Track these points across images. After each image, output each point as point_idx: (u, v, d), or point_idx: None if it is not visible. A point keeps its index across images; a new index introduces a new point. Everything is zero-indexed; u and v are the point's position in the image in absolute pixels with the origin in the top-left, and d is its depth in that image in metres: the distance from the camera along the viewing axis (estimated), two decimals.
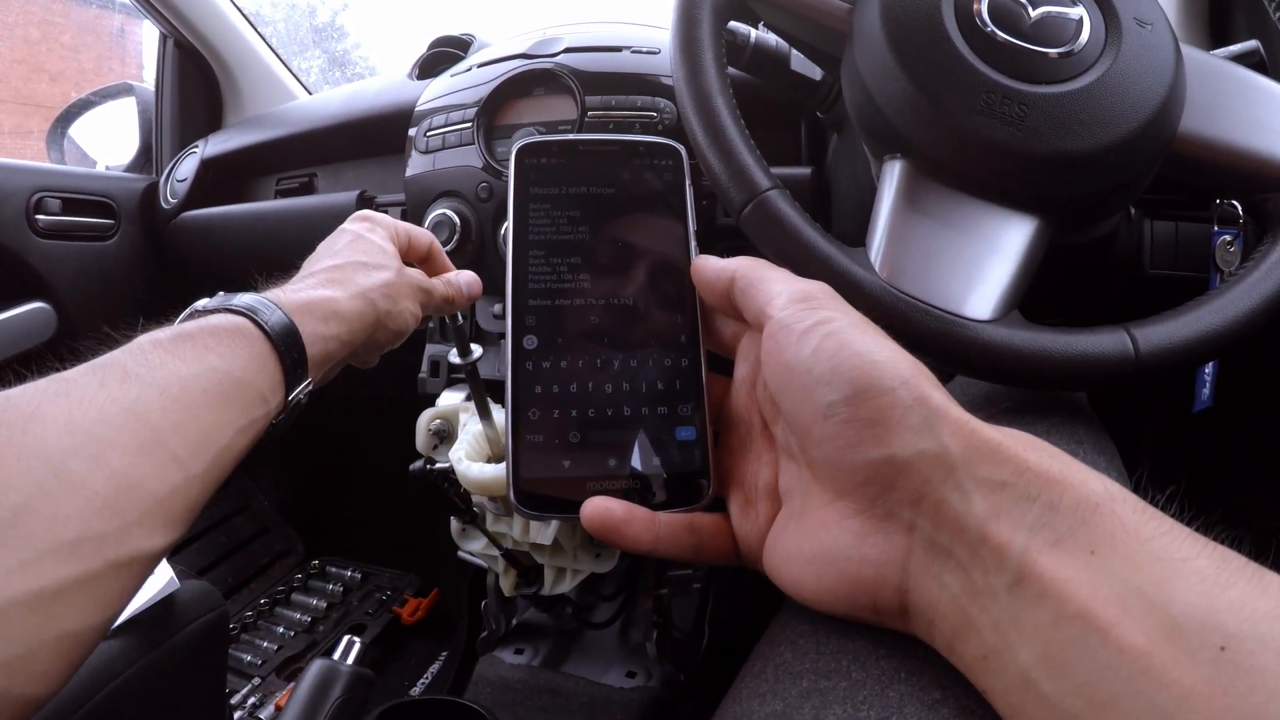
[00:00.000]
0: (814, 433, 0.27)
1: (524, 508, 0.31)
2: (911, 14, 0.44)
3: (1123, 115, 0.42)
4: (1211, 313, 0.42)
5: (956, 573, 0.23)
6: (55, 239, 1.05)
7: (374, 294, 0.43)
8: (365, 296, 0.42)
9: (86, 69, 4.05)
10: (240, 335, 0.35)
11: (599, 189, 0.35)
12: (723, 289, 0.32)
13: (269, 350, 0.36)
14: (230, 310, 0.36)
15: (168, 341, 0.33)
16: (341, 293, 0.42)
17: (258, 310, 0.36)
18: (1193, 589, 0.20)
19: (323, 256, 0.46)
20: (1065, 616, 0.20)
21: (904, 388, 0.25)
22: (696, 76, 0.46)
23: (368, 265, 0.45)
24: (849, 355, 0.26)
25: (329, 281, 0.42)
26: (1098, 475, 0.23)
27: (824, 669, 0.27)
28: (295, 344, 0.37)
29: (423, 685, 0.92)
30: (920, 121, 0.42)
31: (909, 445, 0.25)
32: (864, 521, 0.26)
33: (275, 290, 0.40)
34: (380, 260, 0.46)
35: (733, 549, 0.31)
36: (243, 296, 0.37)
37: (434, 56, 1.00)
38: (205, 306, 0.37)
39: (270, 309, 0.37)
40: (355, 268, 0.44)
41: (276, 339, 0.36)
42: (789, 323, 0.28)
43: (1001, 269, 0.41)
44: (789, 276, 0.31)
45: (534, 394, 0.32)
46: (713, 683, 0.82)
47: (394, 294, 0.45)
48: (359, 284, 0.43)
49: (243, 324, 0.35)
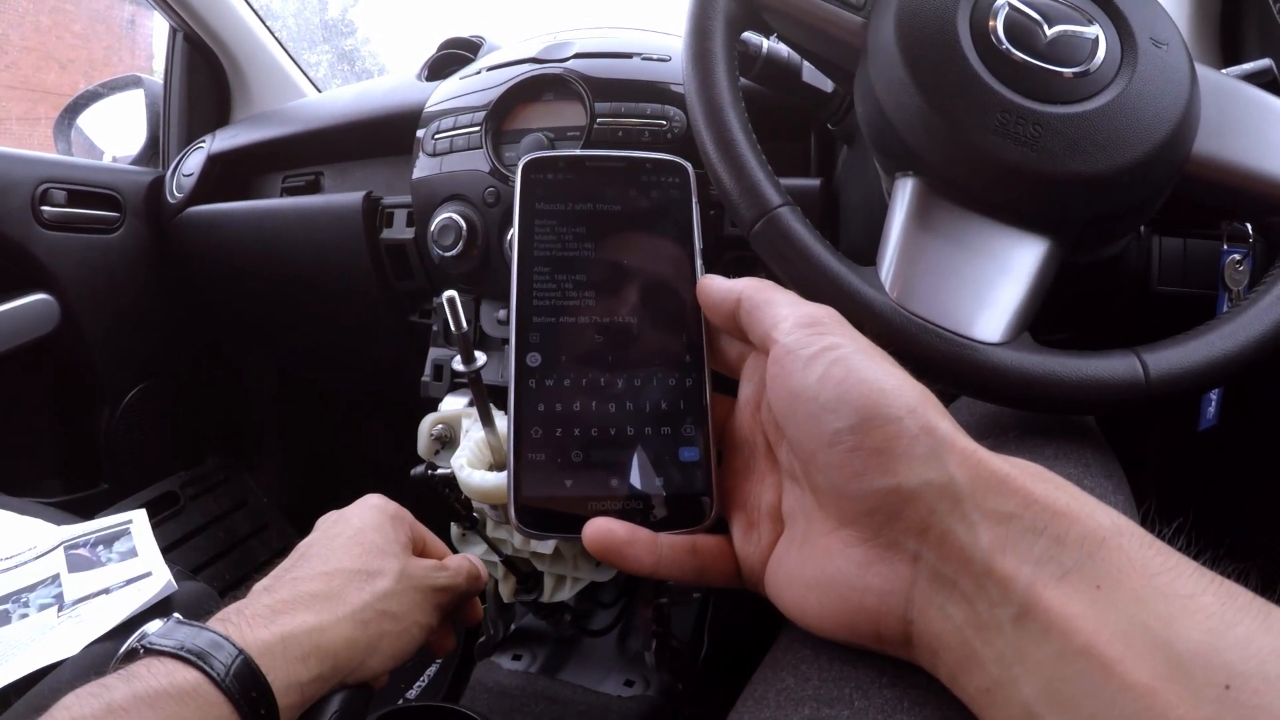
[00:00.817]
0: (819, 460, 0.27)
1: (525, 527, 0.30)
2: (926, 30, 0.43)
3: (1138, 137, 0.41)
4: (1223, 337, 0.41)
5: (961, 604, 0.23)
6: (60, 230, 1.06)
7: (368, 613, 0.36)
8: (358, 618, 0.36)
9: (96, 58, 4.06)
10: (189, 701, 0.29)
11: (605, 205, 0.35)
12: (729, 310, 0.32)
13: (228, 713, 0.30)
14: (178, 657, 0.30)
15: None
16: (328, 616, 0.35)
17: (214, 660, 0.30)
18: (1198, 626, 0.19)
19: (314, 551, 0.39)
20: (1070, 652, 0.20)
21: (911, 416, 0.25)
22: (709, 89, 0.46)
23: (365, 571, 0.38)
24: (856, 382, 0.26)
25: (314, 598, 0.36)
26: (1105, 508, 0.23)
27: (826, 696, 0.26)
28: (265, 702, 0.31)
29: (418, 689, 0.92)
30: (933, 139, 0.42)
31: (915, 475, 0.24)
32: (868, 550, 0.26)
33: (239, 613, 0.34)
34: (378, 564, 0.39)
35: (735, 571, 0.31)
36: (202, 636, 0.31)
37: (443, 58, 1.00)
38: (152, 643, 0.31)
39: (236, 656, 0.31)
40: (350, 577, 0.37)
41: (237, 697, 0.30)
42: (795, 348, 0.28)
43: (1012, 291, 0.41)
44: (795, 300, 0.31)
45: (536, 412, 0.32)
46: (711, 692, 0.82)
47: (396, 609, 0.38)
48: (350, 602, 0.36)
49: (198, 684, 0.30)
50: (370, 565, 0.38)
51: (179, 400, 1.27)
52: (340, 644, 0.35)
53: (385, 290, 0.92)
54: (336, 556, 0.38)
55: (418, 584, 0.40)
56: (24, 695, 0.50)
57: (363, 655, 0.36)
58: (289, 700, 0.32)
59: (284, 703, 0.32)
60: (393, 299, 0.93)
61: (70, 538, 0.68)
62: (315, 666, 0.34)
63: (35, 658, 0.53)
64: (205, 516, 1.24)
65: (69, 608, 0.60)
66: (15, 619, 0.59)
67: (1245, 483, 0.76)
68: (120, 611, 0.57)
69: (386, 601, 0.38)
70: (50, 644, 0.55)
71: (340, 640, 0.35)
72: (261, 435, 1.39)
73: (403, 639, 0.38)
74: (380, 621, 0.37)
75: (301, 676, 0.33)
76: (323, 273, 0.98)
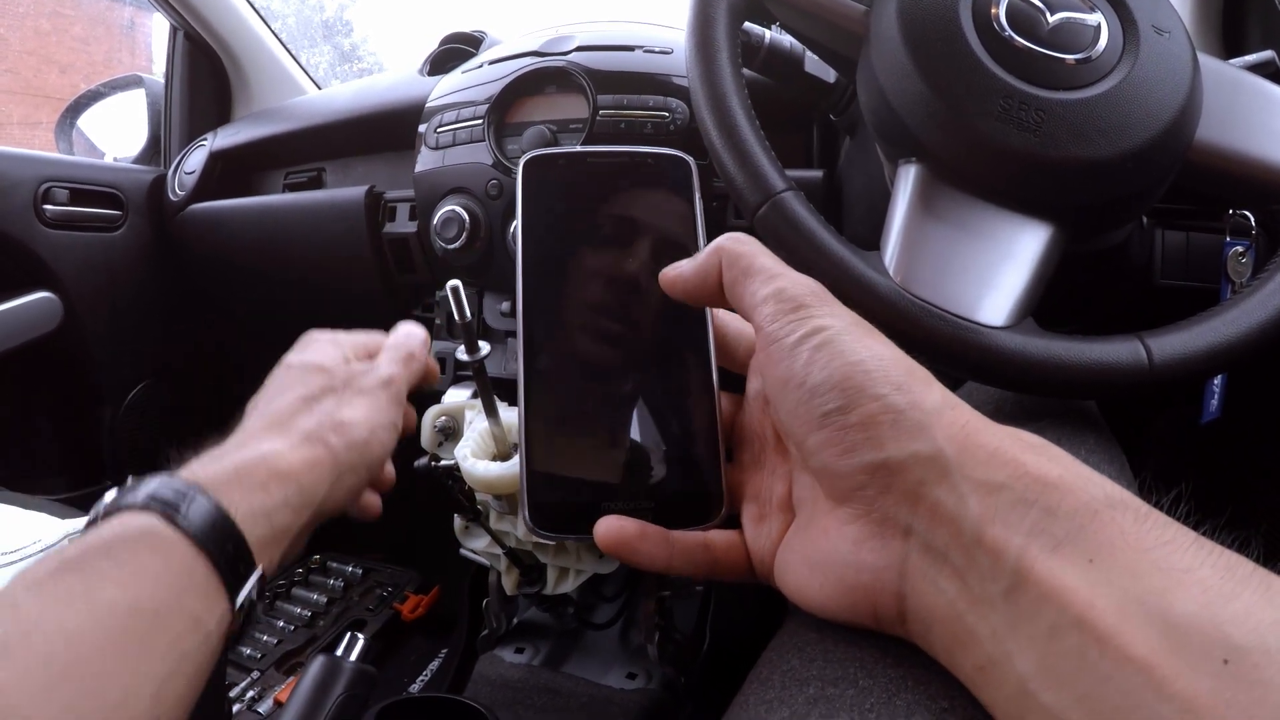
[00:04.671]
0: (809, 442, 0.27)
1: (538, 527, 0.30)
2: (929, 17, 0.43)
3: (1140, 123, 0.41)
4: (1226, 324, 0.42)
5: (953, 578, 0.23)
6: (62, 229, 1.06)
7: (322, 430, 0.35)
8: (312, 437, 0.35)
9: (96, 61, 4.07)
10: (145, 544, 0.28)
11: (608, 202, 0.34)
12: (713, 283, 0.30)
13: (193, 553, 0.28)
14: (128, 507, 0.28)
15: (47, 579, 0.26)
16: (280, 443, 0.34)
17: (167, 500, 0.28)
18: (1195, 599, 0.19)
19: (259, 400, 0.38)
20: (1064, 625, 0.20)
21: (897, 392, 0.25)
22: (712, 77, 0.46)
23: (307, 396, 0.37)
24: (841, 364, 0.26)
25: (264, 431, 0.35)
26: (1099, 480, 0.23)
27: (831, 676, 0.26)
28: (228, 534, 0.29)
29: (422, 682, 0.92)
30: (936, 126, 0.42)
31: (902, 448, 0.24)
32: (862, 526, 0.26)
33: (196, 462, 0.32)
34: (322, 383, 0.38)
35: (747, 566, 0.31)
36: (151, 483, 0.29)
37: (445, 53, 1.00)
38: (107, 504, 0.29)
39: (188, 493, 0.29)
40: (294, 405, 0.36)
41: (200, 536, 0.28)
42: (779, 335, 0.28)
43: (1016, 275, 0.41)
44: (772, 271, 0.29)
45: (546, 412, 0.31)
46: (714, 686, 0.82)
47: (351, 417, 0.37)
48: (301, 426, 0.35)
49: (150, 525, 0.28)
50: (311, 388, 0.37)
51: (181, 398, 1.27)
52: (300, 465, 0.34)
53: (387, 284, 0.92)
54: (280, 396, 0.37)
55: (362, 387, 0.39)
56: None
57: (330, 474, 0.35)
58: (258, 531, 0.31)
59: (253, 534, 0.30)
60: (395, 293, 0.93)
61: (75, 530, 0.69)
62: (278, 492, 0.32)
63: None
64: None
65: None
66: None
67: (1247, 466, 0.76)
68: None
69: (338, 412, 0.36)
70: None
71: (299, 462, 0.34)
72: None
73: (374, 446, 0.37)
74: (340, 434, 0.36)
75: (265, 504, 0.31)
76: (325, 268, 0.98)
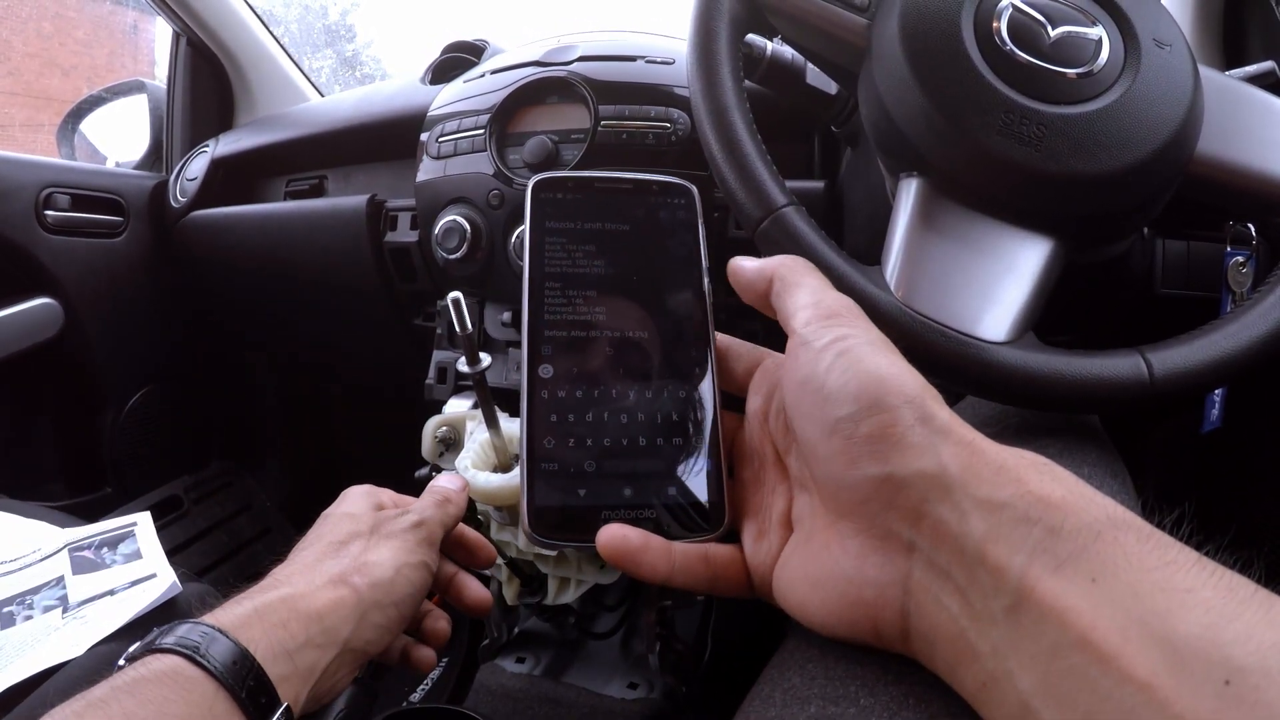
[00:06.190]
0: (820, 450, 0.27)
1: (539, 536, 0.30)
2: (930, 31, 0.43)
3: (1141, 137, 0.41)
4: (1226, 337, 0.42)
5: (955, 595, 0.23)
6: (64, 235, 1.06)
7: (347, 573, 0.36)
8: (337, 579, 0.36)
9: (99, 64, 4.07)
10: (168, 682, 0.29)
11: (614, 225, 0.36)
12: (763, 290, 0.32)
13: (214, 688, 0.29)
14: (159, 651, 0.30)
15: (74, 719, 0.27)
16: (303, 585, 0.35)
17: (191, 643, 0.30)
18: (1197, 620, 0.19)
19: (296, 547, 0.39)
20: (1065, 644, 0.20)
21: (908, 406, 0.25)
22: (713, 90, 0.46)
23: (336, 542, 0.38)
24: (858, 373, 0.26)
25: (290, 575, 0.36)
26: (1102, 500, 0.23)
27: (832, 694, 0.26)
28: (248, 669, 0.30)
29: (422, 692, 0.92)
30: (938, 140, 0.42)
31: (908, 464, 0.24)
32: (864, 541, 0.26)
33: (221, 608, 0.34)
34: (350, 529, 0.39)
35: (746, 582, 0.31)
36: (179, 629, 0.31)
37: (447, 62, 1.00)
38: (135, 649, 0.31)
39: (208, 635, 0.30)
40: (323, 551, 0.37)
41: (220, 672, 0.29)
42: (808, 339, 0.28)
43: (1017, 290, 0.41)
44: (818, 287, 0.31)
45: (549, 423, 0.32)
46: (714, 696, 0.82)
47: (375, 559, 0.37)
48: (327, 570, 0.36)
49: (174, 665, 0.29)
50: (340, 534, 0.38)
51: (182, 404, 1.27)
52: (324, 606, 0.34)
53: (389, 293, 0.93)
54: (312, 544, 0.38)
55: (390, 530, 0.40)
56: (27, 697, 0.50)
57: (354, 613, 0.35)
58: (280, 669, 0.31)
59: (275, 672, 0.31)
60: (396, 302, 0.93)
61: (75, 540, 0.69)
62: (299, 632, 0.33)
63: (40, 659, 0.53)
64: (209, 520, 1.24)
65: (73, 609, 0.60)
66: (20, 620, 0.59)
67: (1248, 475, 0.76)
68: (125, 613, 0.57)
69: (364, 555, 0.37)
70: (55, 645, 0.55)
71: (323, 603, 0.34)
72: (265, 439, 1.39)
73: (400, 585, 0.37)
74: (364, 574, 0.36)
75: (285, 642, 0.32)
76: (326, 276, 0.98)
